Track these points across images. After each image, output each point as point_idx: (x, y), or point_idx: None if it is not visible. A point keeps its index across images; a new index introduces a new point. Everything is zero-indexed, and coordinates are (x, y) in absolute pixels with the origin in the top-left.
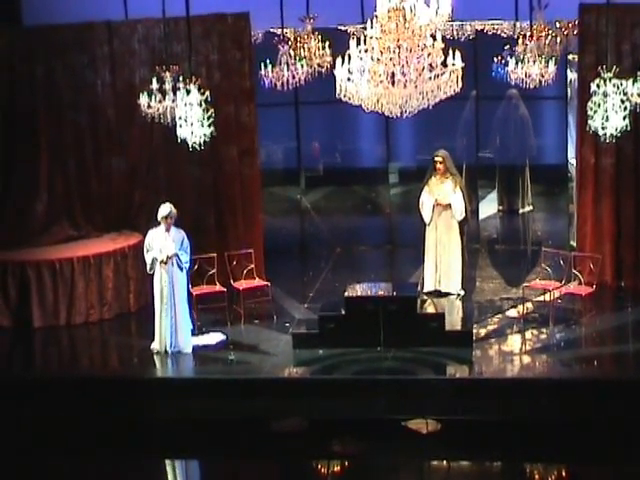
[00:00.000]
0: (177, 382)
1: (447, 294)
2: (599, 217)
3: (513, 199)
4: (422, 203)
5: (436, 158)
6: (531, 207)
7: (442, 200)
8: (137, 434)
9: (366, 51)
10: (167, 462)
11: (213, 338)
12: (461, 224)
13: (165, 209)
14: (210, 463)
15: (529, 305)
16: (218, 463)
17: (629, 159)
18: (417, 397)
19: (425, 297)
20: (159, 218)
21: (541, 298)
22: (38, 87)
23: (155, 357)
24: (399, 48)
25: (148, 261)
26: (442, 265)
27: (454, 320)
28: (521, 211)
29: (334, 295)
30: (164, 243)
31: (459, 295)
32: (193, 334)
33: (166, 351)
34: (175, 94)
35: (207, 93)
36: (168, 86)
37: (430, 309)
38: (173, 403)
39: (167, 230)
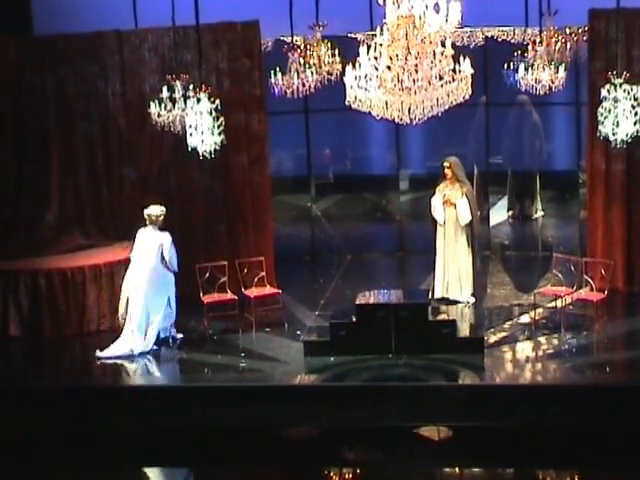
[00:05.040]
0: (188, 390)
1: (455, 302)
2: (610, 223)
3: (524, 205)
4: (433, 207)
5: (444, 164)
6: (542, 213)
7: (450, 197)
8: (147, 442)
9: (376, 58)
10: (175, 471)
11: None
12: (471, 232)
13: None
14: (221, 471)
15: (540, 311)
16: (229, 471)
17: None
18: (429, 404)
19: (435, 304)
20: (159, 217)
21: (552, 304)
22: (48, 97)
23: (166, 365)
24: (409, 55)
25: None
26: (450, 272)
27: (465, 327)
28: (534, 216)
29: (345, 302)
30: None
31: (468, 303)
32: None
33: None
34: (185, 103)
35: (217, 101)
36: (178, 95)
37: (441, 316)
38: (184, 411)
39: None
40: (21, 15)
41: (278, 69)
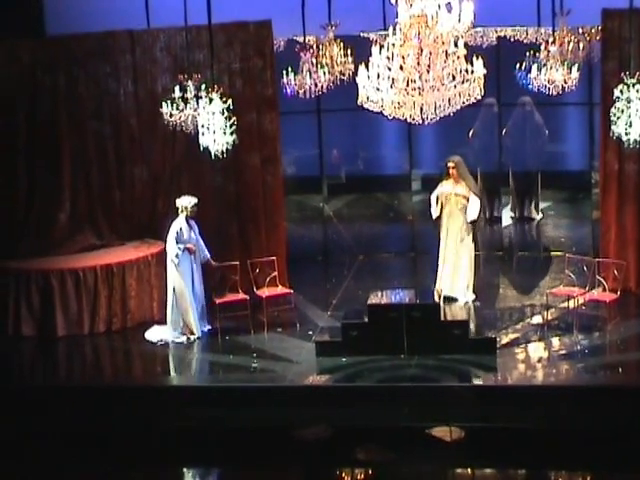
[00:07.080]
0: (200, 390)
1: (451, 298)
2: (623, 223)
3: (527, 206)
4: (432, 204)
5: (449, 164)
6: (541, 215)
7: (448, 189)
8: (158, 443)
9: (388, 58)
10: (188, 471)
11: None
12: (473, 229)
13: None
14: (232, 472)
15: (553, 312)
16: (240, 472)
17: None
18: (441, 405)
19: (436, 296)
20: (186, 207)
21: (565, 305)
22: (60, 97)
23: (177, 365)
24: (421, 55)
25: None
26: (446, 267)
27: (478, 327)
28: (536, 218)
29: (357, 303)
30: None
31: (467, 302)
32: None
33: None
34: (197, 102)
35: (229, 101)
36: (190, 94)
37: (453, 316)
38: (196, 411)
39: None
40: (33, 16)
41: (290, 69)
